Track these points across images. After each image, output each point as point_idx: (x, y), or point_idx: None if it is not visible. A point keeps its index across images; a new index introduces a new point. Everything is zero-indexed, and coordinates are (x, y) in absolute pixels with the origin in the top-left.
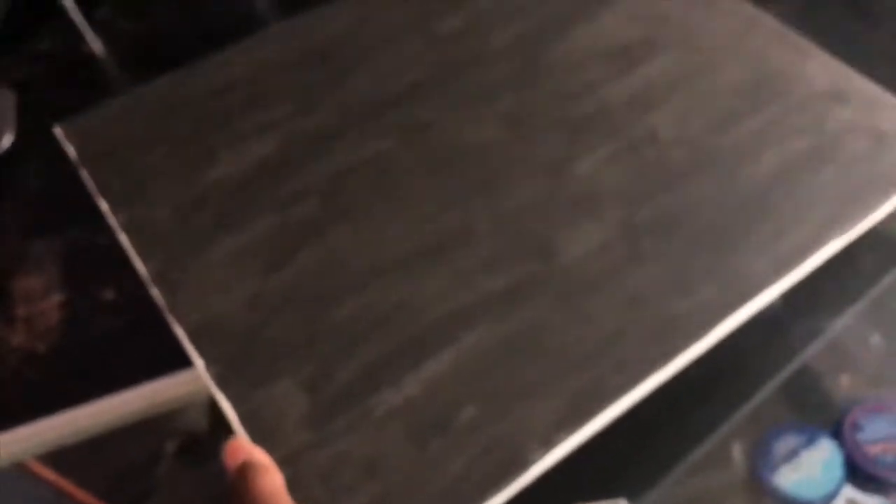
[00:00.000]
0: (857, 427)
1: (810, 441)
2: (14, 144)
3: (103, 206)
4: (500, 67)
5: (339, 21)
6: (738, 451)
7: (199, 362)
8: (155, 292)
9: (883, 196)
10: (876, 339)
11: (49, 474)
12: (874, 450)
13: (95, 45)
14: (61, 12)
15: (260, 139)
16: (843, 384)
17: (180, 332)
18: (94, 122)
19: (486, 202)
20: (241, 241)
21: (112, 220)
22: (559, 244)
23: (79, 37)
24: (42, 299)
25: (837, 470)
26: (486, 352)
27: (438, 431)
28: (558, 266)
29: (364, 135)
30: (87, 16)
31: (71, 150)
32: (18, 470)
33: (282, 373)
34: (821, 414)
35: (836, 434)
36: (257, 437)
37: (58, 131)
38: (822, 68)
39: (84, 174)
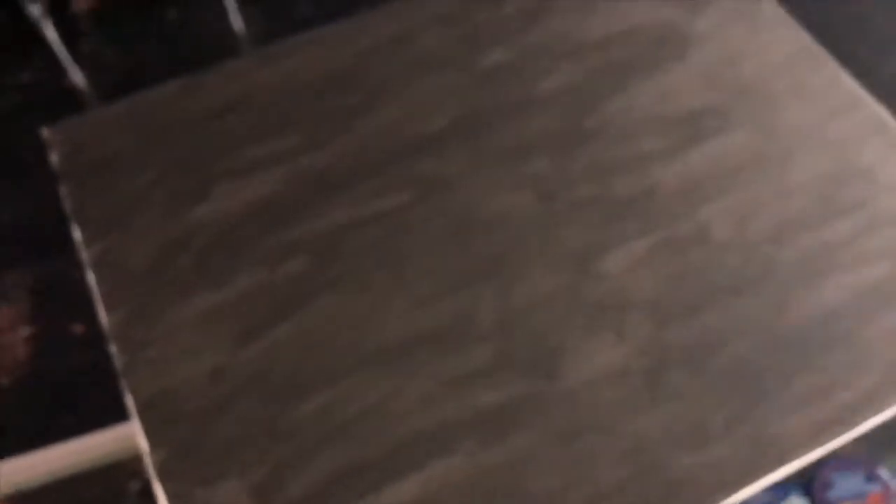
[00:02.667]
0: (827, 485)
1: (782, 496)
2: None
3: (77, 235)
4: (540, 120)
5: (372, 36)
6: None
7: (144, 445)
8: (113, 349)
9: None
10: None
11: None
12: None
13: (77, 76)
14: (44, 44)
15: (259, 175)
16: None
17: (131, 404)
18: (84, 130)
19: (495, 290)
20: (218, 299)
21: (84, 254)
22: (569, 360)
23: (61, 69)
24: (9, 332)
25: None
26: (458, 485)
27: None
28: (563, 388)
29: (376, 184)
30: (71, 48)
31: (54, 159)
32: None
33: (230, 472)
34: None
35: (807, 490)
36: None
37: (44, 133)
38: None
39: (63, 191)
